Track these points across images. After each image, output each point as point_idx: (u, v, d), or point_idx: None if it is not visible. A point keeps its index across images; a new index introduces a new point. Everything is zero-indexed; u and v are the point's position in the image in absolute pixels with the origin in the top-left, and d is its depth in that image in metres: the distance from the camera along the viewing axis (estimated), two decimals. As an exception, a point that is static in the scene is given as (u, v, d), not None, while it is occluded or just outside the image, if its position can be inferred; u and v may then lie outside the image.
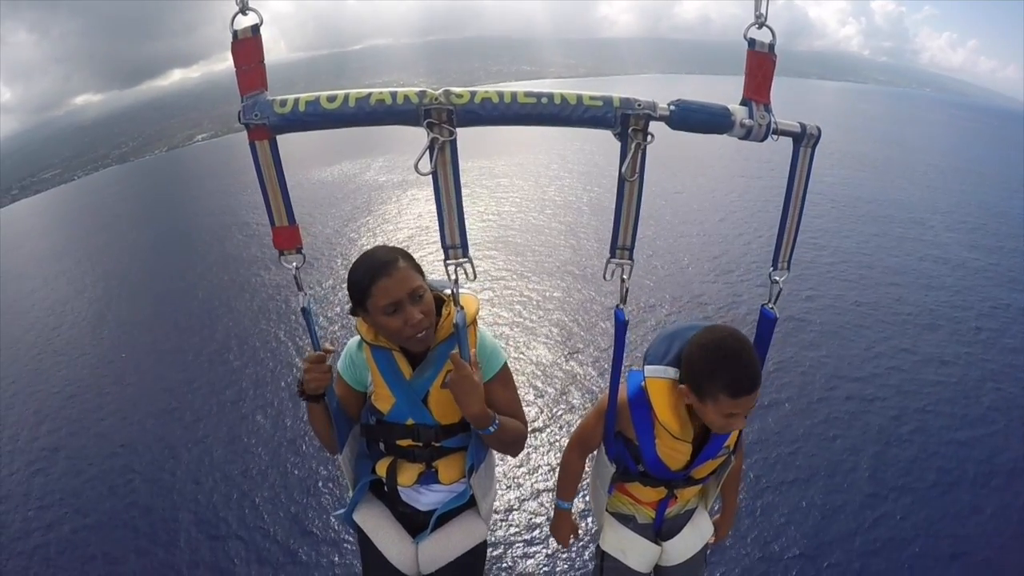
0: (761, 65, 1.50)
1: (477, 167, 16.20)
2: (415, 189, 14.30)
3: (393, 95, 1.38)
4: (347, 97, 1.38)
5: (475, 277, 1.53)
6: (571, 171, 15.98)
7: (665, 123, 1.46)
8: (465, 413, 1.73)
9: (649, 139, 1.45)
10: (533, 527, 4.17)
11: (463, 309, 1.65)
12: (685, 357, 1.73)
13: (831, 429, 5.08)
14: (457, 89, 1.40)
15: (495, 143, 19.16)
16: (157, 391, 6.56)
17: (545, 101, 1.41)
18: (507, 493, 4.49)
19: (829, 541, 3.96)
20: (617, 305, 1.66)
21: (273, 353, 7.01)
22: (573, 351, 6.50)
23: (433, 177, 1.45)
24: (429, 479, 1.98)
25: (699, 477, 1.98)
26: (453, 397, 1.71)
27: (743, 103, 1.51)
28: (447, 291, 1.83)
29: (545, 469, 4.74)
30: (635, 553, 2.14)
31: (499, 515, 4.27)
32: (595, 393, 5.68)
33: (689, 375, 1.70)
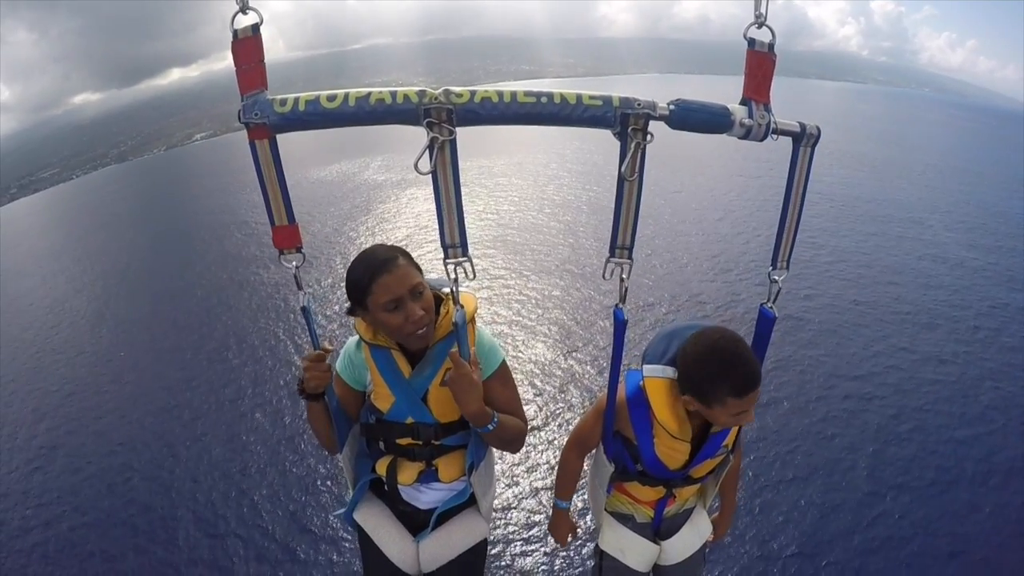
0: (761, 65, 1.50)
1: (476, 166, 16.21)
2: (414, 188, 14.30)
3: (393, 94, 1.38)
4: (347, 96, 1.38)
5: (475, 276, 1.53)
6: (570, 170, 15.99)
7: (665, 123, 1.46)
8: (464, 411, 1.73)
9: (649, 138, 1.45)
10: (531, 525, 4.17)
11: (462, 308, 1.65)
12: (682, 371, 1.73)
13: (829, 427, 5.08)
14: (457, 88, 1.40)
15: (494, 142, 19.16)
16: (156, 389, 6.56)
17: (545, 100, 1.41)
18: (506, 491, 4.50)
19: (827, 539, 3.97)
20: (616, 304, 1.66)
21: (272, 351, 7.01)
22: (572, 349, 6.51)
23: (433, 176, 1.45)
24: (429, 477, 1.98)
25: (697, 476, 1.98)
26: (452, 395, 1.71)
27: (743, 103, 1.51)
28: (445, 290, 1.83)
29: (544, 467, 4.75)
30: (634, 552, 2.14)
31: (498, 513, 4.27)
32: (593, 391, 5.69)
33: (691, 386, 1.70)
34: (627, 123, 1.43)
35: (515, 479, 4.62)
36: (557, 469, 2.19)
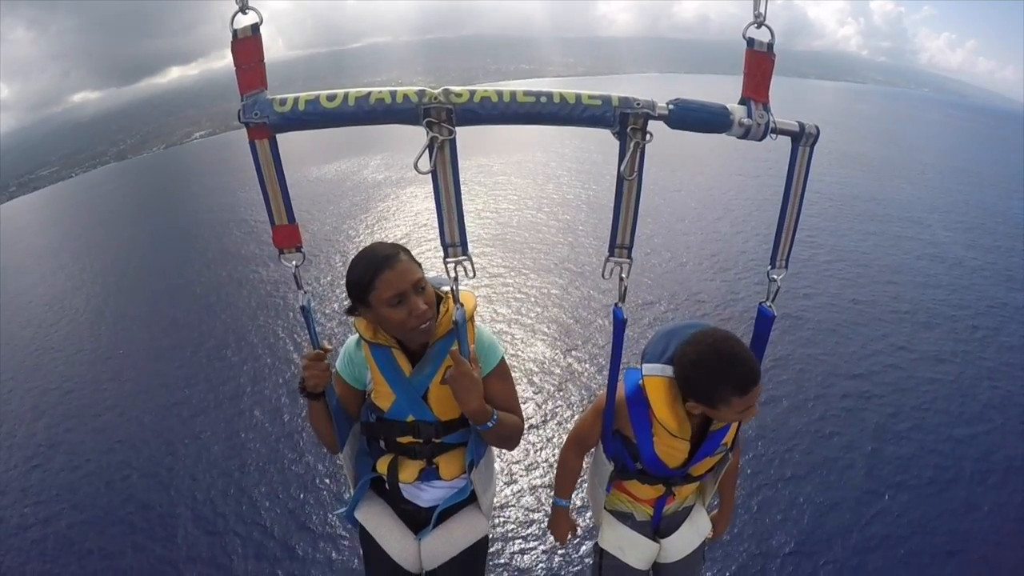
0: (760, 64, 1.50)
1: (476, 165, 16.21)
2: (413, 187, 14.30)
3: (393, 94, 1.38)
4: (347, 96, 1.38)
5: (474, 275, 1.54)
6: (569, 169, 16.00)
7: (664, 122, 1.46)
8: (464, 409, 1.73)
9: (648, 138, 1.45)
10: (530, 523, 4.18)
11: (462, 306, 1.65)
12: (682, 379, 1.73)
13: (828, 426, 5.09)
14: (456, 88, 1.40)
15: (494, 141, 19.16)
16: (155, 387, 6.56)
17: (544, 100, 1.41)
18: (505, 489, 4.51)
19: (826, 537, 3.98)
20: (615, 303, 1.66)
21: (271, 349, 7.01)
22: (571, 348, 6.51)
23: (433, 176, 1.45)
24: (430, 475, 1.97)
25: (697, 474, 1.99)
26: (452, 393, 1.71)
27: (742, 102, 1.51)
28: (445, 288, 1.83)
29: (542, 465, 4.75)
30: (634, 550, 2.14)
31: (497, 511, 4.29)
32: (592, 390, 5.70)
33: (694, 392, 1.70)
34: (626, 122, 1.43)
35: (514, 477, 4.62)
36: (556, 468, 2.19)
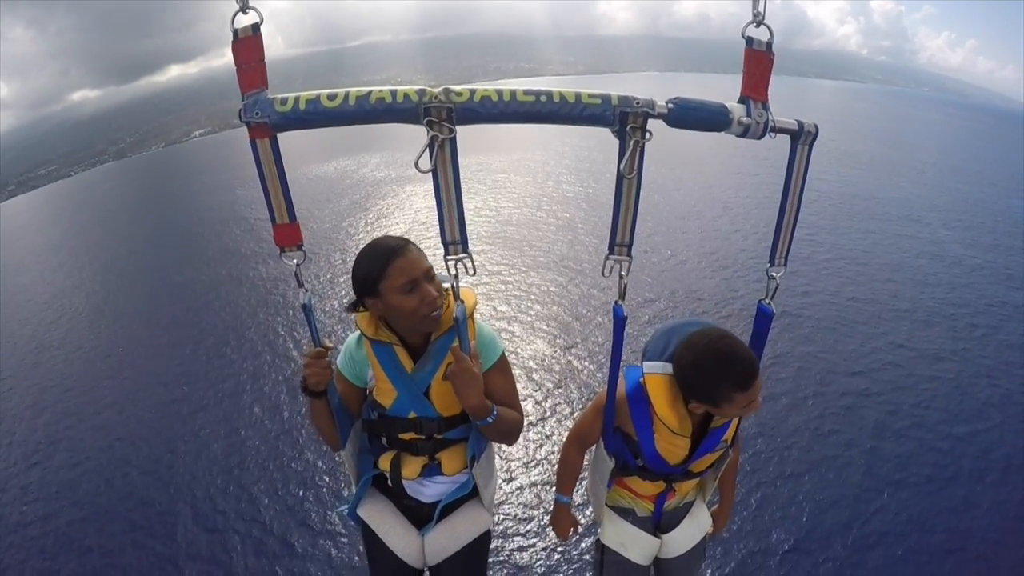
0: (759, 63, 1.51)
1: (476, 163, 16.21)
2: (413, 184, 14.30)
3: (393, 93, 1.39)
4: (347, 95, 1.39)
5: (475, 272, 1.54)
6: (569, 168, 16.00)
7: (663, 121, 1.47)
8: (464, 405, 1.74)
9: (647, 136, 1.45)
10: (530, 519, 4.19)
11: (463, 303, 1.67)
12: (683, 380, 1.75)
13: (827, 424, 5.10)
14: (457, 87, 1.40)
15: (494, 139, 19.15)
16: (154, 384, 6.57)
17: (544, 99, 1.42)
18: (505, 486, 4.51)
19: (824, 535, 3.99)
20: (615, 301, 1.67)
21: (271, 346, 7.02)
22: (570, 345, 6.52)
23: (433, 174, 1.46)
24: (432, 471, 1.99)
25: (697, 471, 2.00)
26: (453, 389, 1.72)
27: (741, 101, 1.52)
28: (445, 285, 1.84)
29: (542, 462, 4.76)
30: (635, 546, 2.15)
31: (497, 508, 4.28)
32: (592, 387, 5.70)
33: (696, 392, 1.72)
34: (626, 121, 1.44)
35: (513, 474, 4.63)
36: (558, 464, 2.21)
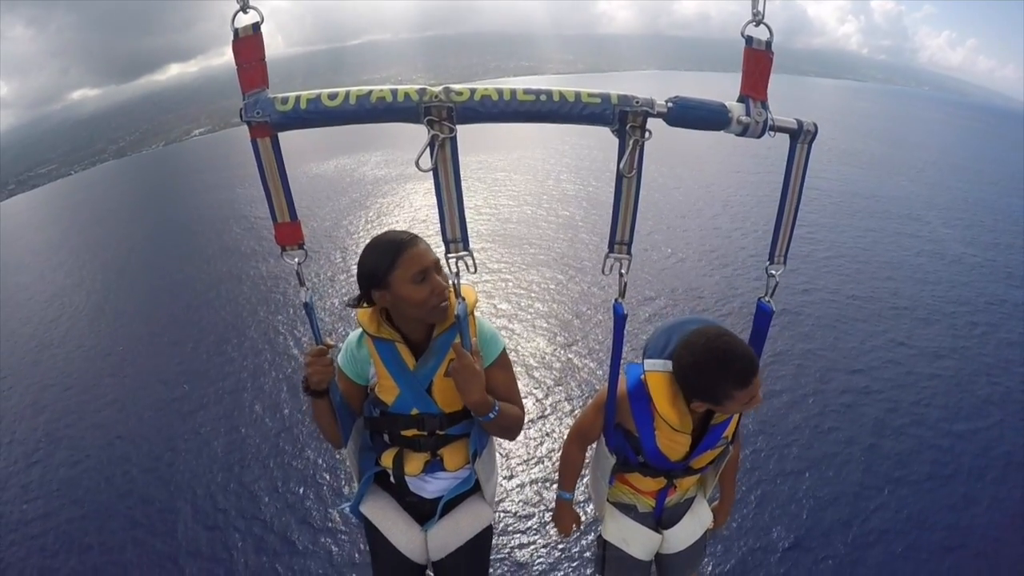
0: (758, 62, 1.51)
1: (476, 161, 16.20)
2: (413, 183, 14.30)
3: (394, 93, 1.40)
4: (348, 95, 1.40)
5: (476, 270, 1.55)
6: (569, 166, 16.00)
7: (663, 119, 1.48)
8: (466, 401, 1.76)
9: (647, 135, 1.46)
10: (532, 516, 4.20)
11: (464, 300, 1.68)
12: (683, 381, 1.77)
13: (827, 421, 5.11)
14: (457, 87, 1.41)
15: (494, 138, 19.14)
16: (155, 382, 6.58)
17: (544, 98, 1.43)
18: (506, 483, 4.52)
19: (824, 532, 3.99)
20: (615, 299, 1.68)
21: (271, 344, 7.02)
22: (570, 342, 6.53)
23: (434, 173, 1.47)
24: (435, 467, 2.00)
25: (698, 467, 2.02)
26: (455, 385, 1.74)
27: (740, 100, 1.53)
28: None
29: (543, 459, 4.77)
30: (637, 542, 2.17)
31: (498, 505, 4.29)
32: (592, 384, 5.71)
33: (697, 392, 1.74)
34: (625, 120, 1.45)
35: (514, 471, 4.64)
36: (560, 461, 2.23)
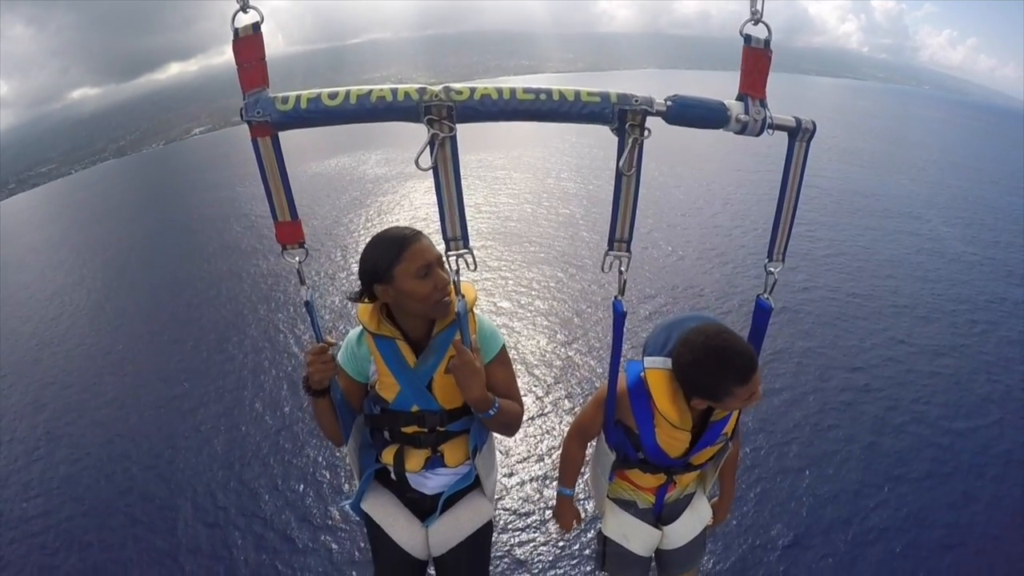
0: (757, 61, 1.52)
1: (476, 160, 16.21)
2: (412, 182, 14.31)
3: (394, 92, 1.40)
4: (348, 94, 1.40)
5: (476, 268, 1.56)
6: (569, 165, 16.00)
7: (662, 118, 1.48)
8: (467, 397, 1.76)
9: (646, 134, 1.47)
10: (532, 513, 4.20)
11: (464, 297, 1.69)
12: (683, 379, 1.77)
13: (826, 419, 5.11)
14: (457, 86, 1.42)
15: (494, 137, 19.14)
16: (155, 381, 6.59)
17: (543, 97, 1.43)
18: (506, 480, 4.52)
19: (823, 530, 4.00)
20: (615, 296, 1.69)
21: (271, 342, 7.03)
22: (570, 340, 6.54)
23: (434, 171, 1.48)
24: (435, 463, 2.01)
25: (698, 463, 2.03)
26: (456, 382, 1.75)
27: (739, 98, 1.54)
28: None
29: (543, 456, 4.77)
30: (637, 538, 2.18)
31: (498, 502, 4.29)
32: (592, 381, 5.72)
33: (697, 390, 1.74)
34: (624, 119, 1.46)
35: (514, 469, 4.65)
36: (560, 458, 2.24)
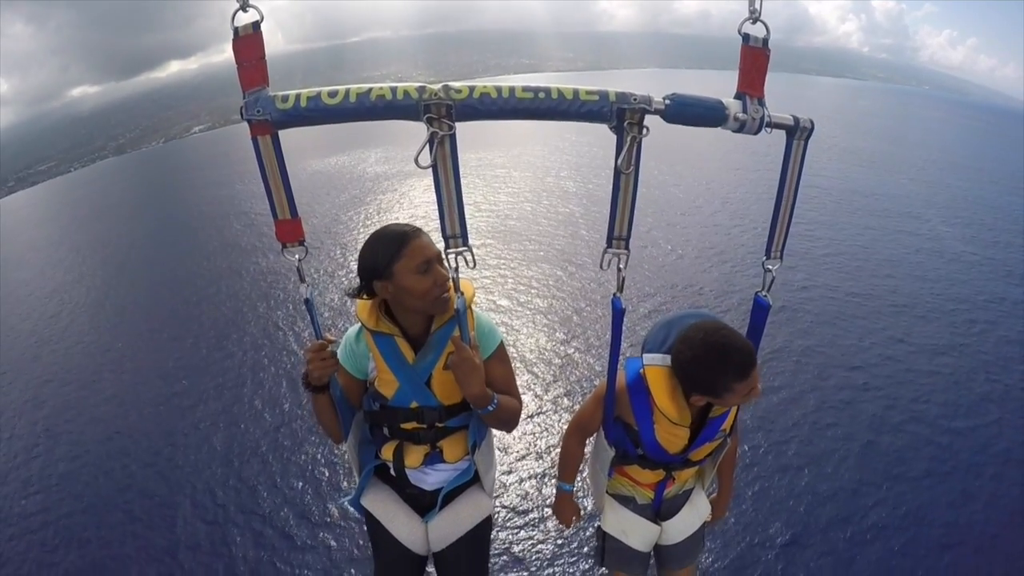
0: (755, 59, 1.52)
1: (476, 158, 16.22)
2: (412, 180, 14.33)
3: (393, 90, 1.41)
4: (348, 93, 1.41)
5: (475, 265, 1.57)
6: (568, 163, 16.01)
7: (660, 116, 1.49)
8: (466, 393, 1.77)
9: (644, 132, 1.47)
10: (531, 510, 4.21)
11: (462, 294, 1.69)
12: (682, 376, 1.78)
13: (825, 417, 5.12)
14: (456, 84, 1.42)
15: (494, 135, 19.13)
16: (154, 378, 6.60)
17: (542, 96, 1.44)
18: (505, 477, 4.54)
19: (821, 528, 4.01)
20: (614, 293, 1.69)
21: (271, 339, 7.04)
22: (569, 337, 6.55)
23: (433, 170, 1.48)
24: (434, 459, 2.02)
25: (696, 459, 2.03)
26: (455, 378, 1.75)
27: (737, 97, 1.54)
28: None
29: (541, 453, 4.78)
30: (635, 533, 2.19)
31: (497, 498, 4.30)
32: (591, 379, 5.73)
33: (697, 386, 1.75)
34: (623, 117, 1.46)
35: (513, 466, 4.66)
36: (560, 454, 2.24)
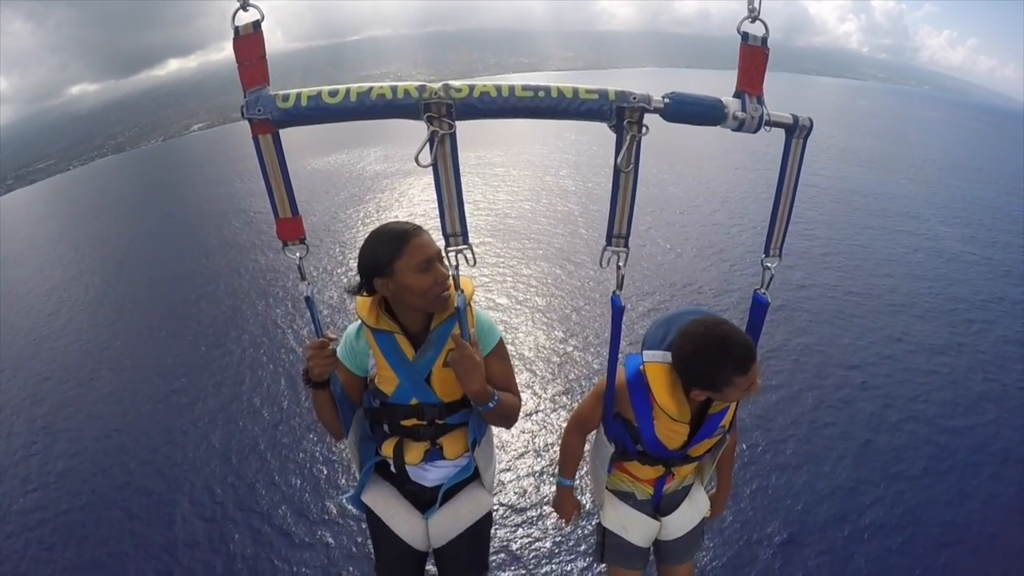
0: (754, 58, 1.53)
1: (475, 157, 16.22)
2: (412, 178, 14.33)
3: (393, 89, 1.41)
4: (348, 92, 1.42)
5: (475, 264, 1.57)
6: (568, 162, 16.02)
7: (659, 115, 1.50)
8: (466, 390, 1.78)
9: (644, 131, 1.48)
10: (530, 506, 4.22)
11: (462, 292, 1.70)
12: (683, 370, 1.79)
13: (823, 416, 5.13)
14: (456, 83, 1.43)
15: (493, 134, 19.13)
16: (153, 375, 6.60)
17: (542, 95, 1.44)
18: (504, 474, 4.54)
19: (819, 527, 4.02)
20: (613, 291, 1.70)
21: (270, 337, 7.05)
22: (569, 335, 6.56)
23: (433, 168, 1.49)
24: (434, 456, 2.03)
25: (696, 455, 2.05)
26: (455, 375, 1.76)
27: (736, 95, 1.55)
28: None
29: (542, 450, 4.79)
30: (635, 528, 2.20)
31: (496, 495, 4.31)
32: (591, 376, 5.75)
33: (698, 380, 1.76)
34: (622, 116, 1.47)
35: (513, 463, 4.66)
36: (560, 450, 2.26)
